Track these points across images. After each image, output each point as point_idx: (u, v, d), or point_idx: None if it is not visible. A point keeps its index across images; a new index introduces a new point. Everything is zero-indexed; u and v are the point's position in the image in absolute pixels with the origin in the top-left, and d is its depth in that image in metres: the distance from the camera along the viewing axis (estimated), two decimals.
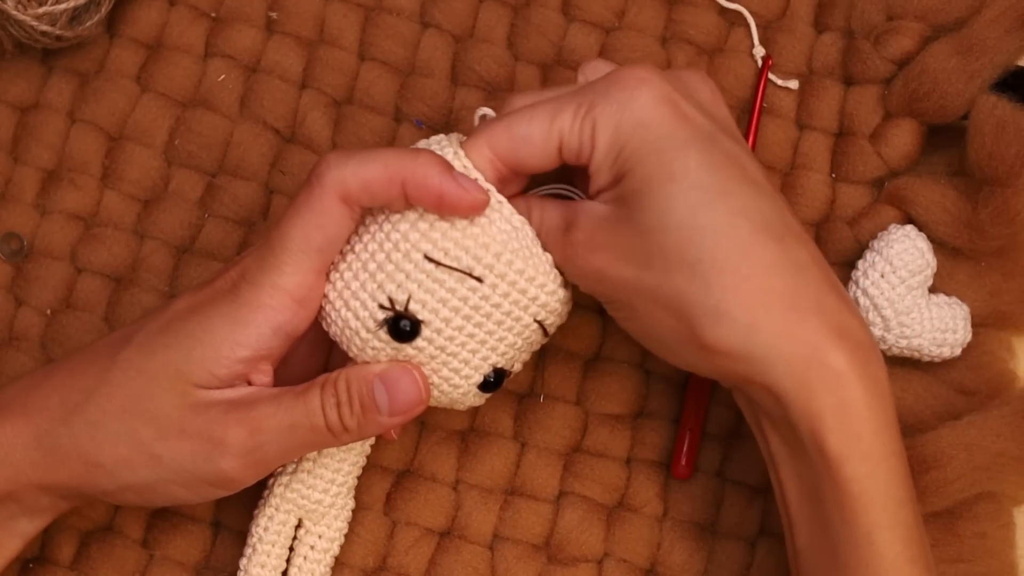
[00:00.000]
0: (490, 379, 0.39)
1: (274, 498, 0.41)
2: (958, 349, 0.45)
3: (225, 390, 0.37)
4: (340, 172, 0.36)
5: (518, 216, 0.38)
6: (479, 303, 0.37)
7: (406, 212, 0.37)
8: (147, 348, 0.38)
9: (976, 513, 0.44)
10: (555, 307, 0.39)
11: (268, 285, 0.37)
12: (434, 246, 0.37)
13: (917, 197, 0.46)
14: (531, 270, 0.38)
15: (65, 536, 0.44)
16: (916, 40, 0.48)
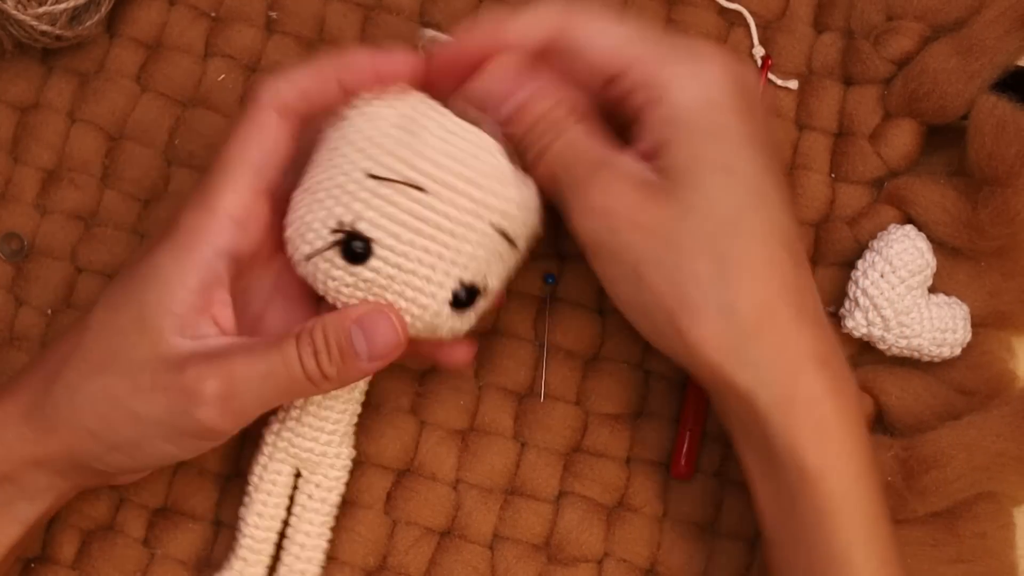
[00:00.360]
0: (460, 295, 0.38)
1: (266, 447, 0.41)
2: (958, 349, 0.45)
3: (197, 341, 0.37)
4: (275, 87, 0.38)
5: (463, 123, 0.38)
6: (426, 214, 0.37)
7: (346, 134, 0.38)
8: (112, 304, 0.38)
9: (976, 513, 0.44)
10: (512, 213, 0.38)
11: (205, 209, 0.37)
12: (374, 162, 0.37)
13: (917, 197, 0.46)
14: (478, 176, 0.37)
15: (67, 535, 0.44)
16: (916, 40, 0.48)
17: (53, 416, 0.38)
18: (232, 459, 0.45)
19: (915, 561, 0.44)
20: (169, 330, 0.37)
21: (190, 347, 0.37)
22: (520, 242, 0.39)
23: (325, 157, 0.38)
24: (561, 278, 0.47)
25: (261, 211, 0.38)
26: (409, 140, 0.37)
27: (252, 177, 0.38)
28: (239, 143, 0.38)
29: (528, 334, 0.46)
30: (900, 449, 0.44)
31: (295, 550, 0.42)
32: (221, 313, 0.38)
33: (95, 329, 0.38)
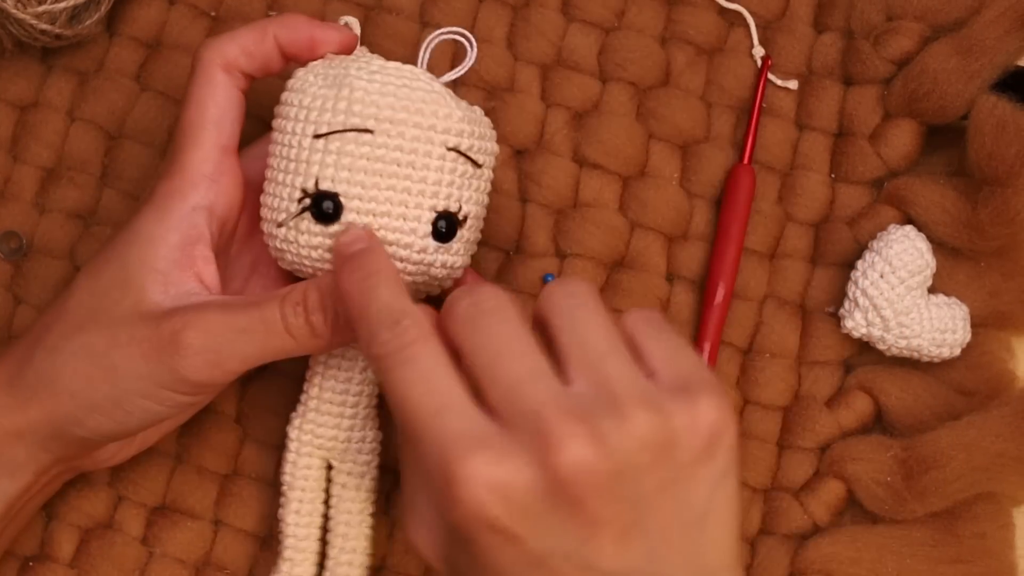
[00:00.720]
0: (440, 226, 0.39)
1: (292, 443, 0.41)
2: (957, 349, 0.45)
3: (179, 297, 0.38)
4: (215, 44, 0.39)
5: (389, 63, 0.39)
6: (379, 152, 0.38)
7: (286, 109, 0.39)
8: (94, 270, 0.39)
9: (976, 513, 0.44)
10: (462, 129, 0.39)
11: (176, 171, 0.39)
12: (315, 123, 0.38)
13: (916, 197, 0.46)
14: (417, 103, 0.38)
15: (65, 533, 0.44)
16: (916, 40, 0.48)
17: (34, 382, 0.38)
18: (231, 457, 0.45)
19: (914, 561, 0.44)
20: (152, 287, 0.38)
21: (171, 303, 0.37)
22: (481, 158, 0.40)
23: (275, 137, 0.40)
24: (560, 277, 0.47)
25: (230, 166, 0.39)
26: (341, 93, 0.38)
27: (214, 133, 0.39)
28: (195, 105, 0.39)
29: None
30: (899, 449, 0.44)
31: (339, 542, 0.42)
32: (205, 269, 0.38)
33: (76, 295, 0.39)
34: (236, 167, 0.40)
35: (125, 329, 0.37)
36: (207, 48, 0.39)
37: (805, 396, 0.46)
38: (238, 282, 0.42)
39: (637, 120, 0.48)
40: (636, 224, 0.47)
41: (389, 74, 0.39)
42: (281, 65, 0.40)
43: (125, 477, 0.45)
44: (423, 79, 0.39)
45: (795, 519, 0.45)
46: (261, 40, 0.39)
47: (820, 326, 0.47)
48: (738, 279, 0.47)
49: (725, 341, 0.47)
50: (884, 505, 0.44)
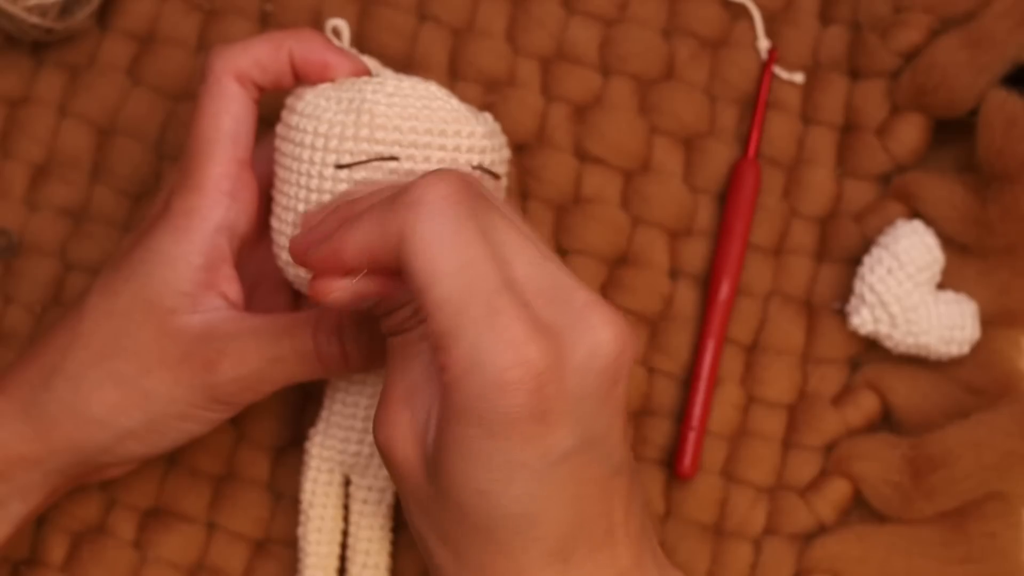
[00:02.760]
0: None
1: (312, 459, 0.41)
2: (966, 347, 0.45)
3: (202, 314, 0.37)
4: (228, 53, 0.38)
5: (403, 83, 0.38)
6: (406, 179, 0.37)
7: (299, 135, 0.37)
8: (110, 290, 0.38)
9: (985, 513, 0.44)
10: (484, 146, 0.38)
11: (194, 188, 0.37)
12: (338, 153, 0.37)
13: (924, 192, 0.46)
14: (439, 124, 0.37)
15: (56, 537, 0.44)
16: (924, 33, 0.47)
17: (56, 411, 0.37)
18: (225, 459, 0.45)
19: (924, 561, 0.44)
20: (177, 309, 0.37)
21: (200, 325, 0.37)
22: (500, 170, 0.39)
23: (287, 164, 0.38)
24: None
25: (248, 180, 0.38)
26: (361, 119, 0.37)
27: (231, 147, 0.38)
28: (209, 117, 0.38)
29: None
30: (908, 448, 0.44)
31: (360, 559, 0.41)
32: (229, 288, 0.38)
33: (93, 317, 0.37)
34: (253, 181, 0.38)
35: (154, 353, 0.36)
36: (219, 57, 0.38)
37: (811, 394, 0.46)
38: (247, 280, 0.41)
39: (640, 114, 0.48)
40: (638, 220, 0.47)
41: (407, 95, 0.37)
42: (292, 82, 0.39)
43: (117, 480, 0.44)
44: (441, 97, 0.38)
45: (801, 518, 0.45)
46: (276, 54, 0.38)
47: (826, 323, 0.46)
48: (743, 275, 0.46)
49: (729, 338, 0.46)
50: (892, 504, 0.44)
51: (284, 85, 0.39)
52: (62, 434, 0.37)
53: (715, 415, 0.46)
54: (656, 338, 0.46)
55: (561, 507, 0.30)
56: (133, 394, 0.37)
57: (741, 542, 0.45)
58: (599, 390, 0.31)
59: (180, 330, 0.37)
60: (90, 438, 0.37)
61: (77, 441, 0.37)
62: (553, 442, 0.30)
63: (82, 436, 0.37)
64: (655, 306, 0.46)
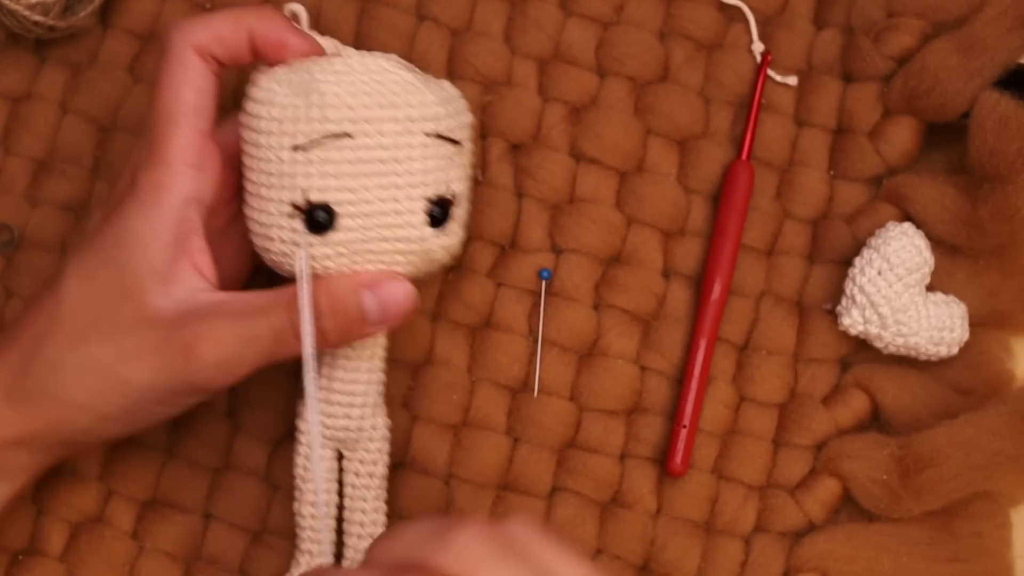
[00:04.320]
0: (434, 212, 0.39)
1: (302, 435, 0.41)
2: (955, 348, 0.45)
3: (176, 295, 0.37)
4: (188, 26, 0.38)
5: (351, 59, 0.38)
6: (364, 155, 0.37)
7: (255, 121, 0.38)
8: (86, 274, 0.38)
9: (973, 512, 0.44)
10: (438, 113, 0.38)
11: (159, 162, 0.37)
12: (293, 136, 0.37)
13: (915, 195, 0.46)
14: (389, 95, 0.38)
15: (55, 527, 0.44)
16: (916, 37, 0.47)
17: (38, 395, 0.37)
18: (222, 451, 0.45)
19: (911, 560, 0.44)
20: (152, 290, 0.37)
21: (175, 306, 0.37)
22: (460, 135, 0.40)
23: (249, 150, 0.39)
24: (555, 273, 0.47)
25: (211, 151, 0.39)
26: (311, 100, 0.37)
27: (194, 119, 0.38)
28: (171, 89, 0.38)
29: (522, 329, 0.46)
30: (896, 447, 0.44)
31: (356, 530, 0.42)
32: (201, 261, 0.38)
33: (70, 301, 0.38)
34: (216, 152, 0.39)
35: (131, 338, 0.37)
36: (179, 30, 0.38)
37: (801, 393, 0.46)
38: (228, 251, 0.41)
39: (635, 115, 0.48)
40: (633, 220, 0.47)
41: (355, 72, 0.38)
42: (249, 59, 0.39)
43: (115, 471, 0.44)
44: (390, 68, 0.38)
45: (791, 517, 0.45)
46: (235, 30, 0.38)
47: (817, 323, 0.47)
48: (735, 275, 0.47)
49: (721, 338, 0.47)
50: (880, 503, 0.44)
51: (242, 61, 0.39)
52: (44, 418, 0.37)
53: (706, 414, 0.46)
54: (649, 337, 0.46)
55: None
56: (112, 381, 0.37)
57: (731, 540, 0.45)
58: None
59: (156, 315, 0.37)
60: (71, 421, 0.37)
61: (58, 424, 0.37)
62: None
63: (63, 419, 0.37)
64: (648, 305, 0.47)
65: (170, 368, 0.37)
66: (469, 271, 0.46)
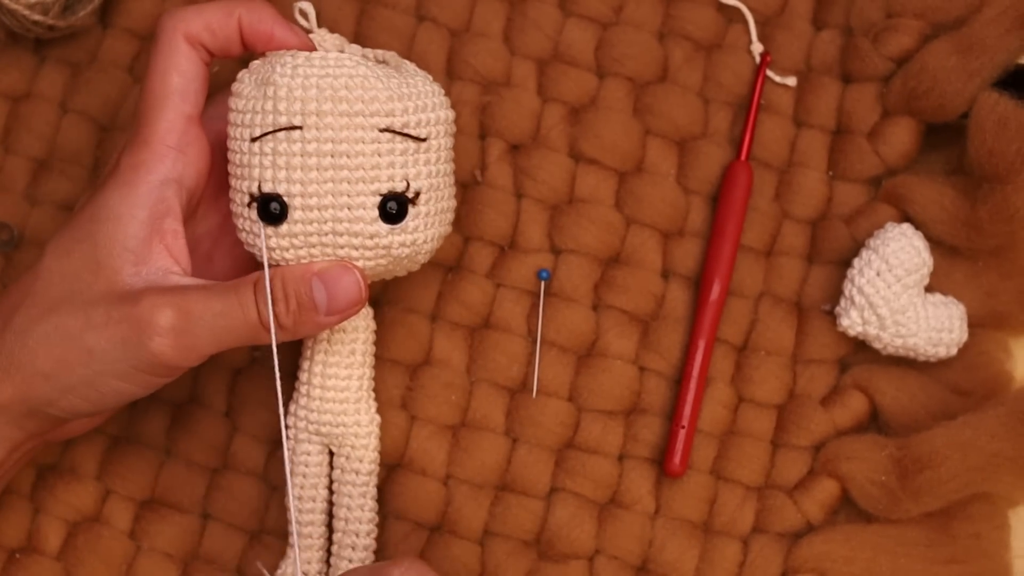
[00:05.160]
0: (390, 210, 0.39)
1: (289, 430, 0.41)
2: (954, 349, 0.45)
3: (152, 277, 0.37)
4: (179, 14, 0.39)
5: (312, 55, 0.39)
6: (312, 148, 0.38)
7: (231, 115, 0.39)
8: (62, 249, 0.38)
9: (971, 514, 0.44)
10: (388, 108, 0.39)
11: (141, 143, 0.38)
12: (251, 128, 0.38)
13: (914, 195, 0.46)
14: (340, 90, 0.38)
15: (52, 526, 0.44)
16: (915, 38, 0.47)
17: (6, 364, 0.38)
18: (220, 451, 0.45)
19: (909, 561, 0.44)
20: (124, 267, 0.37)
21: (144, 284, 0.37)
22: (424, 131, 0.39)
23: (228, 141, 0.40)
24: (554, 273, 0.47)
25: (196, 135, 0.39)
26: (267, 92, 0.38)
27: (178, 102, 0.39)
28: (158, 74, 0.39)
29: (521, 329, 0.46)
30: (895, 448, 0.44)
31: (341, 525, 0.42)
32: (174, 244, 0.38)
33: (45, 276, 0.38)
34: (202, 136, 0.39)
35: (100, 311, 0.37)
36: (170, 17, 0.39)
37: (800, 394, 0.46)
38: (207, 243, 0.42)
39: (634, 116, 0.48)
40: (632, 220, 0.47)
41: (313, 66, 0.39)
42: (240, 51, 0.40)
43: (113, 471, 0.44)
44: (347, 64, 0.39)
45: (789, 517, 0.45)
46: (226, 19, 0.39)
47: (816, 324, 0.47)
48: (734, 276, 0.47)
49: (720, 338, 0.47)
50: (879, 504, 0.44)
51: (233, 52, 0.40)
52: (10, 386, 0.38)
53: (705, 414, 0.46)
54: (648, 337, 0.46)
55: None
56: (76, 350, 0.37)
57: (730, 540, 0.45)
58: None
59: (125, 288, 0.37)
60: (36, 391, 0.38)
61: (24, 392, 0.38)
62: None
63: (29, 388, 0.38)
64: (647, 306, 0.47)
65: (130, 340, 0.37)
66: (468, 271, 0.46)
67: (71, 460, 0.44)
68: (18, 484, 0.44)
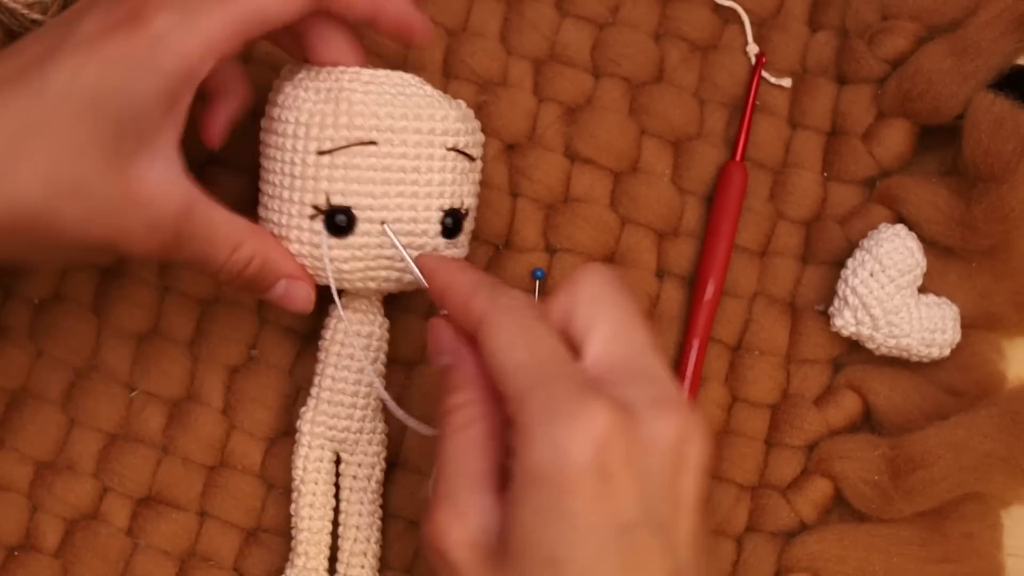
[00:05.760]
0: (447, 223, 0.40)
1: (303, 437, 0.42)
2: (947, 349, 0.45)
3: (169, 151, 0.36)
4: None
5: (377, 72, 0.40)
6: (387, 162, 0.39)
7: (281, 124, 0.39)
8: (79, 71, 0.35)
9: (963, 513, 0.44)
10: (457, 128, 0.40)
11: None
12: (319, 141, 0.38)
13: (908, 196, 0.46)
14: (414, 108, 0.39)
15: (50, 524, 0.44)
16: (910, 40, 0.48)
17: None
18: (217, 449, 0.45)
19: (902, 561, 0.44)
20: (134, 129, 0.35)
21: (156, 160, 0.36)
22: (475, 152, 0.41)
23: (271, 154, 0.40)
24: (549, 272, 0.47)
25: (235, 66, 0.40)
26: (340, 107, 0.38)
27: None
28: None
29: None
30: (887, 448, 0.44)
31: (351, 533, 0.42)
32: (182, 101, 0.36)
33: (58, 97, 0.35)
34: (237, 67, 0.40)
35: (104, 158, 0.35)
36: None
37: (794, 394, 0.46)
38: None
39: (630, 116, 0.48)
40: (627, 220, 0.47)
41: (382, 83, 0.39)
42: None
43: (110, 468, 0.45)
44: (415, 84, 0.40)
45: (782, 517, 0.45)
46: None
47: (810, 324, 0.47)
48: (728, 276, 0.47)
49: (714, 338, 0.47)
50: (871, 504, 0.44)
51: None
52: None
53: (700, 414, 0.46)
54: None
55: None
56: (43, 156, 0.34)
57: (723, 540, 0.45)
58: (662, 471, 0.31)
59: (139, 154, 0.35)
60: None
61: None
62: (618, 506, 0.30)
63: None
64: (641, 305, 0.47)
65: (116, 196, 0.35)
66: None
67: (69, 457, 0.45)
68: (16, 481, 0.44)
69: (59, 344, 0.45)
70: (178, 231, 0.37)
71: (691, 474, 0.31)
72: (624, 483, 0.30)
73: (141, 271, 0.46)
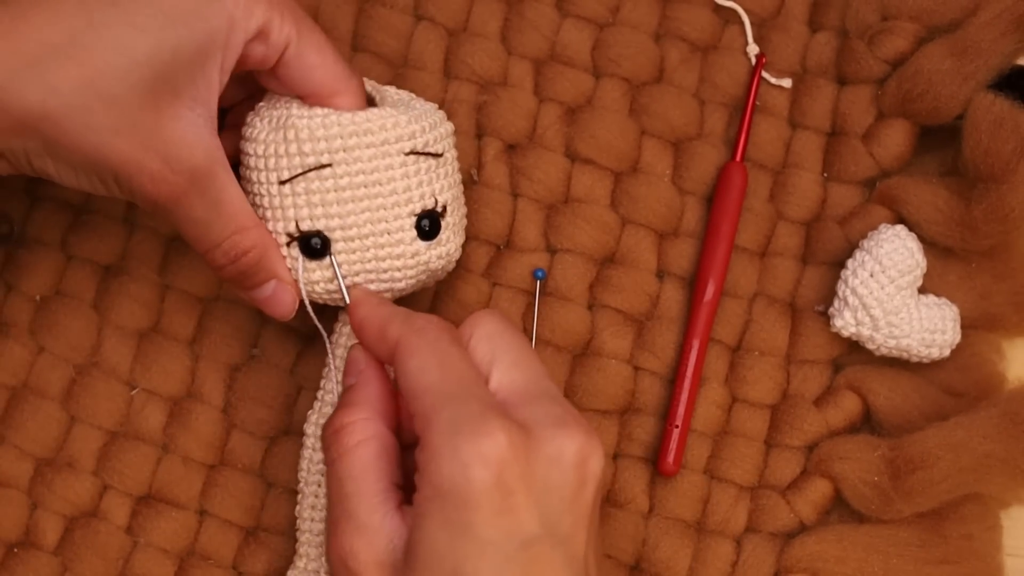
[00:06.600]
0: (424, 227, 0.40)
1: (308, 439, 0.42)
2: (947, 350, 0.45)
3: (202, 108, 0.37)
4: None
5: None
6: (344, 182, 0.39)
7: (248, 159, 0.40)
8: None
9: (963, 514, 0.44)
10: (413, 130, 0.40)
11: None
12: (278, 171, 0.39)
13: (908, 196, 0.46)
14: (362, 122, 0.39)
15: (49, 521, 0.44)
16: (910, 41, 0.48)
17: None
18: (217, 448, 0.45)
19: (901, 562, 0.44)
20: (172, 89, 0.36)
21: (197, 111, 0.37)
22: (439, 148, 0.41)
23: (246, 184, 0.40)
24: (550, 273, 0.47)
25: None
26: (288, 135, 0.39)
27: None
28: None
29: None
30: (887, 449, 0.44)
31: None
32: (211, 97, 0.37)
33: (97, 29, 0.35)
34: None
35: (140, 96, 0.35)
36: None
37: (793, 395, 0.46)
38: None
39: (630, 116, 0.48)
40: (627, 220, 0.48)
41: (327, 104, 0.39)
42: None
43: (110, 466, 0.45)
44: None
45: (782, 517, 0.45)
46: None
47: (810, 325, 0.47)
48: (728, 277, 0.47)
49: (714, 338, 0.47)
50: (871, 505, 0.44)
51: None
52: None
53: (699, 414, 0.46)
54: (642, 337, 0.47)
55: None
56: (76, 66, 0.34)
57: (723, 540, 0.45)
58: (566, 486, 0.33)
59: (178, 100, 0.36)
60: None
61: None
62: (518, 522, 0.31)
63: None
64: (642, 305, 0.47)
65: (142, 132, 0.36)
66: (464, 270, 0.47)
67: (69, 455, 0.45)
68: (16, 478, 0.44)
69: (60, 341, 0.46)
70: (191, 184, 0.37)
71: (592, 488, 0.33)
72: (524, 499, 0.32)
73: (142, 268, 0.46)
